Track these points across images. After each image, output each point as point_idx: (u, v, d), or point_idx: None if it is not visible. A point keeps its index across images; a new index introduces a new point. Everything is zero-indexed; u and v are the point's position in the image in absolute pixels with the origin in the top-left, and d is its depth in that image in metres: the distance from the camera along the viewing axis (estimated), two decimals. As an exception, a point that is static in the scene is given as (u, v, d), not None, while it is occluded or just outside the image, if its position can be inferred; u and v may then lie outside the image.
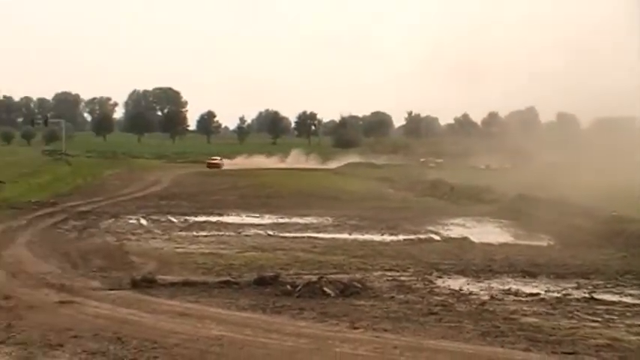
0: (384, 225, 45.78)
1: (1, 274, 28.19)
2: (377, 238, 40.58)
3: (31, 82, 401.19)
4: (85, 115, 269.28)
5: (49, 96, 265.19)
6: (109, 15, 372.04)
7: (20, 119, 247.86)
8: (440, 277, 28.67)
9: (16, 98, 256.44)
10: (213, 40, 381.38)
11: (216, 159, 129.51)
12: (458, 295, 25.67)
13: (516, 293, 26.02)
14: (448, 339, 19.98)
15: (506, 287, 27.05)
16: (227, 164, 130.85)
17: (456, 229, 44.77)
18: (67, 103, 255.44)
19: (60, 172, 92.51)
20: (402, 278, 28.17)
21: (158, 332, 20.12)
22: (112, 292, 25.22)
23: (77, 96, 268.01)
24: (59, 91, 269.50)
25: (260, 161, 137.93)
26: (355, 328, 20.90)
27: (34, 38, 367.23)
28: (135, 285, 25.84)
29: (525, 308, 23.78)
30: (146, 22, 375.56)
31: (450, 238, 40.82)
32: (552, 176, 63.51)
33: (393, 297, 24.98)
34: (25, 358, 17.53)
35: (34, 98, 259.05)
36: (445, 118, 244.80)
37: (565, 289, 26.83)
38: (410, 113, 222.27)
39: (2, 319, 21.18)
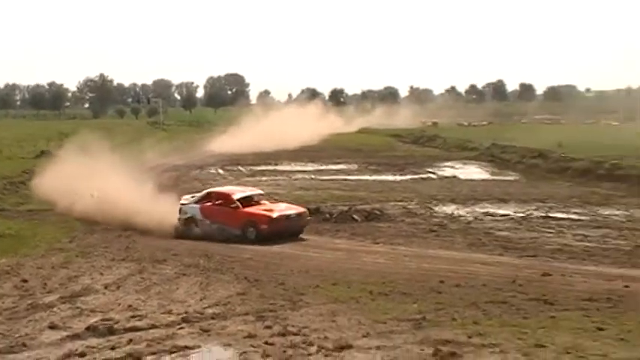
0: (395, 168, 45.46)
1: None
2: (390, 178, 40.39)
3: (136, 71, 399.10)
4: (176, 95, 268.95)
5: (149, 82, 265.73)
6: (198, 15, 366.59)
7: (129, 99, 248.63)
8: (437, 205, 28.66)
9: (126, 84, 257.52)
10: (269, 34, 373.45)
11: None
12: (450, 217, 25.82)
13: (493, 214, 26.12)
14: (444, 249, 20.23)
15: (485, 210, 27.16)
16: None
17: (448, 170, 44.29)
18: (162, 86, 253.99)
19: (159, 136, 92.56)
20: (410, 206, 28.21)
21: (236, 250, 20.42)
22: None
23: (169, 81, 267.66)
24: (156, 78, 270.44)
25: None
26: (376, 243, 21.19)
27: (141, 36, 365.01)
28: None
29: (499, 225, 23.94)
30: (218, 20, 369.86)
31: (444, 176, 40.50)
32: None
33: (403, 220, 25.15)
34: (140, 270, 17.92)
35: (139, 83, 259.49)
36: (439, 89, 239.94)
37: (528, 210, 26.93)
38: (411, 87, 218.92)
39: (123, 243, 21.77)
